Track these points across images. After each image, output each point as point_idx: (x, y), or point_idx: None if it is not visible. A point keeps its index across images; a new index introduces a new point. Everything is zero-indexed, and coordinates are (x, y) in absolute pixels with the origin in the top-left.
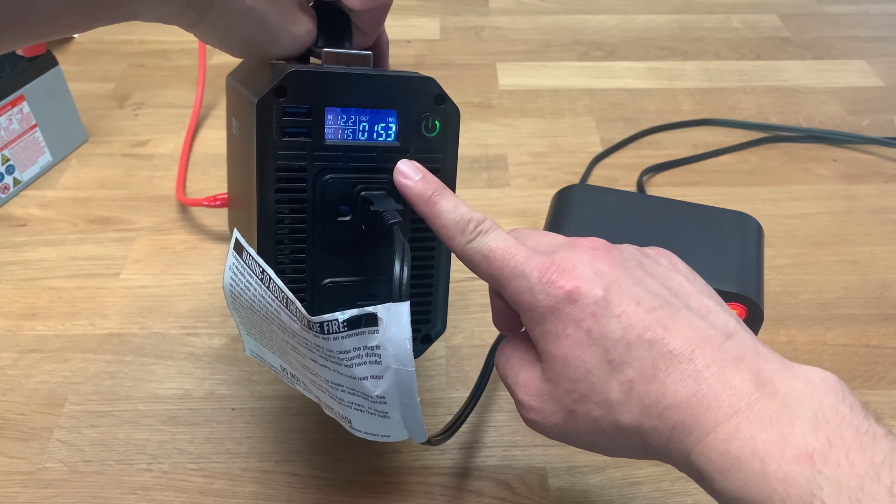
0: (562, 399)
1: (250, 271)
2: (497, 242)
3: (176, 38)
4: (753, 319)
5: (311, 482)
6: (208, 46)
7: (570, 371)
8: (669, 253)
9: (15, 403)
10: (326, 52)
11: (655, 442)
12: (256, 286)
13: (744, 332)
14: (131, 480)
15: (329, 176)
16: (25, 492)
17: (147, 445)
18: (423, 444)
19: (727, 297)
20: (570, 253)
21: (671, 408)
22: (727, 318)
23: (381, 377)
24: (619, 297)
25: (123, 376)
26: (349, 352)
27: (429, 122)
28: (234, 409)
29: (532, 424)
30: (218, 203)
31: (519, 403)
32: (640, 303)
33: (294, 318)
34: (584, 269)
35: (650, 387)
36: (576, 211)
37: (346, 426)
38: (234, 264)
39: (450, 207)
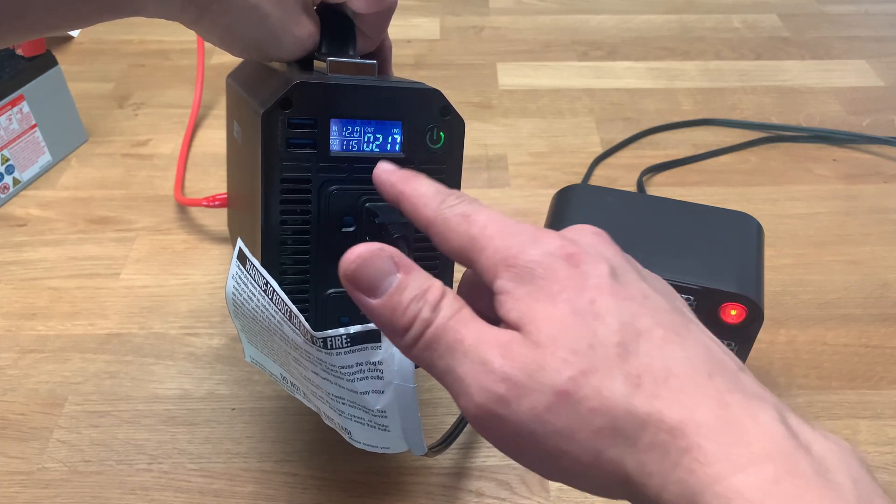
0: (554, 373)
1: (254, 282)
2: (480, 206)
3: (176, 38)
4: (753, 319)
5: (310, 482)
6: (207, 47)
7: (570, 339)
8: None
9: (15, 403)
10: (331, 61)
11: (653, 465)
12: (260, 297)
13: (751, 373)
14: (131, 480)
15: (334, 187)
16: (25, 492)
17: (147, 445)
18: (421, 455)
19: (727, 297)
20: (568, 230)
21: (688, 424)
22: (734, 354)
23: (383, 392)
24: (625, 282)
25: (123, 376)
26: (351, 367)
27: (434, 133)
28: (233, 409)
29: (495, 403)
30: (217, 203)
31: (481, 369)
32: (648, 297)
33: (297, 331)
34: (587, 245)
35: (662, 390)
36: (576, 211)
37: (346, 437)
38: (237, 273)
39: (429, 182)
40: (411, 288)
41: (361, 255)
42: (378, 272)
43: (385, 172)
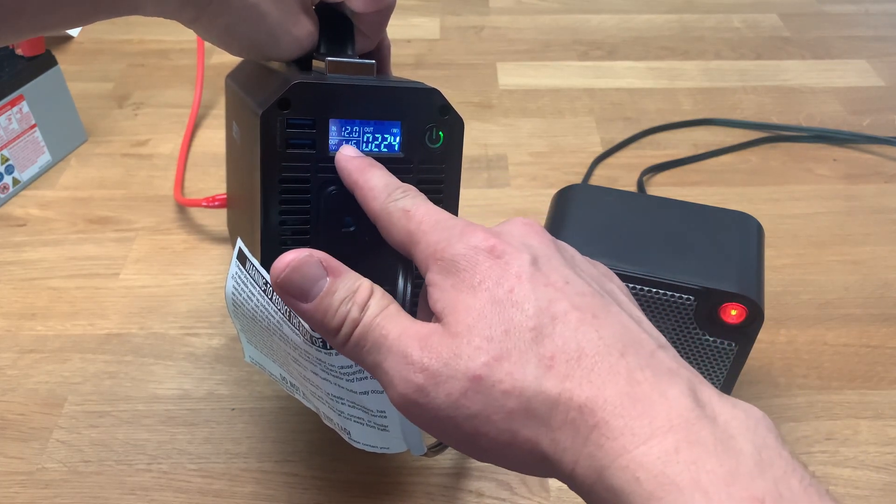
0: (468, 360)
1: (253, 282)
2: (421, 201)
3: (175, 37)
4: (753, 319)
5: (310, 482)
6: (207, 46)
7: (485, 326)
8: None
9: (14, 404)
10: (329, 62)
11: (566, 442)
12: (259, 297)
13: (673, 350)
14: (131, 481)
15: (333, 187)
16: (25, 492)
17: (146, 446)
18: (420, 456)
19: (727, 297)
20: (499, 225)
21: (596, 401)
22: (658, 332)
23: (382, 392)
24: (547, 270)
25: (123, 376)
26: (350, 367)
27: (433, 133)
28: (233, 409)
29: (415, 393)
30: (217, 203)
31: (402, 361)
32: (569, 282)
33: (296, 331)
34: (512, 236)
35: (574, 370)
36: (576, 211)
37: (345, 437)
38: (236, 273)
39: (381, 174)
40: (341, 290)
41: (290, 262)
42: (306, 278)
43: (344, 159)
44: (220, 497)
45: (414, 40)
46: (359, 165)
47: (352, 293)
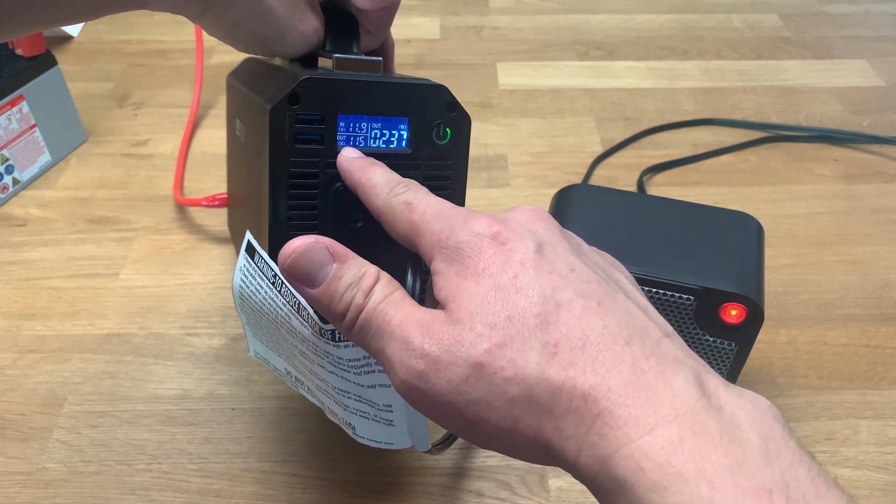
0: (470, 347)
1: (262, 274)
2: (423, 194)
3: (175, 37)
4: (753, 319)
5: (310, 482)
6: (206, 46)
7: (488, 313)
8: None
9: (14, 404)
10: (337, 58)
11: (569, 430)
12: (267, 290)
13: (680, 338)
14: (131, 481)
15: (340, 183)
16: (25, 492)
17: (146, 446)
18: (425, 452)
19: (727, 297)
20: (504, 212)
21: (600, 390)
22: (665, 321)
23: (389, 386)
24: (552, 257)
25: (123, 376)
26: (359, 360)
27: (440, 129)
28: (233, 409)
29: (416, 379)
30: (216, 203)
31: (403, 347)
32: (574, 270)
33: (305, 323)
34: (517, 223)
35: (578, 358)
36: (576, 211)
37: (350, 432)
38: (245, 266)
39: (382, 171)
40: (346, 276)
41: (297, 248)
42: (313, 263)
43: (346, 160)
44: (220, 497)
45: (414, 40)
46: (360, 165)
47: (357, 279)
